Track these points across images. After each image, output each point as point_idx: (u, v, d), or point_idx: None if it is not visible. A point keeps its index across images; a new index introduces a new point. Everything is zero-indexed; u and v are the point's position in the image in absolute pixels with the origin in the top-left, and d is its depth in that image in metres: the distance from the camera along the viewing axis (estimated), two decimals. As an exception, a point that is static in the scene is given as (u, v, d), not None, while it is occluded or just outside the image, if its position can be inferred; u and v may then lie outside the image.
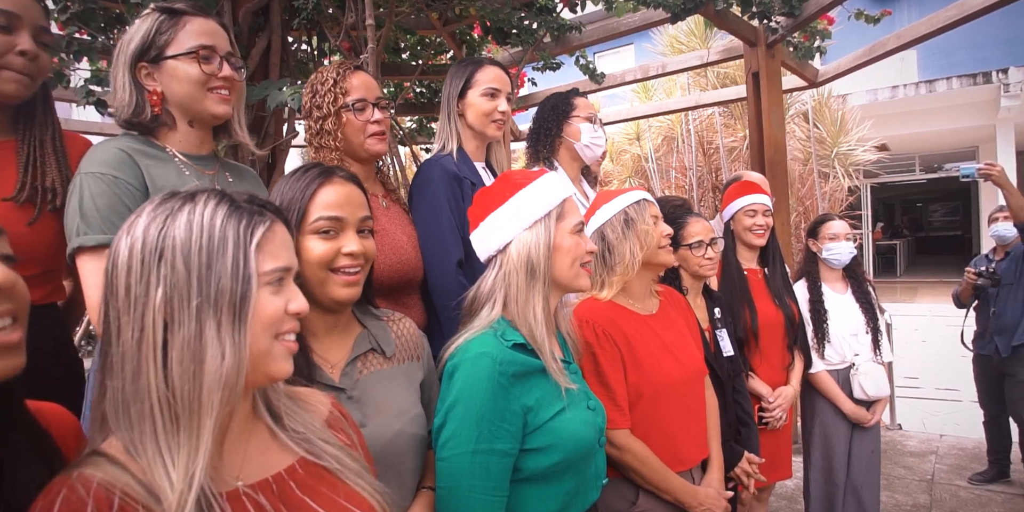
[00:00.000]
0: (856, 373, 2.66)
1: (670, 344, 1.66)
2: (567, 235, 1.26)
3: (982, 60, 10.39)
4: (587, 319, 1.57)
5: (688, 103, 6.22)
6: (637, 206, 1.67)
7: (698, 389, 1.71)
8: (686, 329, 1.77)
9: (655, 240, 1.66)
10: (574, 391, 1.25)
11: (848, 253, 2.72)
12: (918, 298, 11.80)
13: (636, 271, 1.62)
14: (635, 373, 1.56)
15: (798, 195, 6.90)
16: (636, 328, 1.62)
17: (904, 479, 4.04)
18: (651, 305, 1.74)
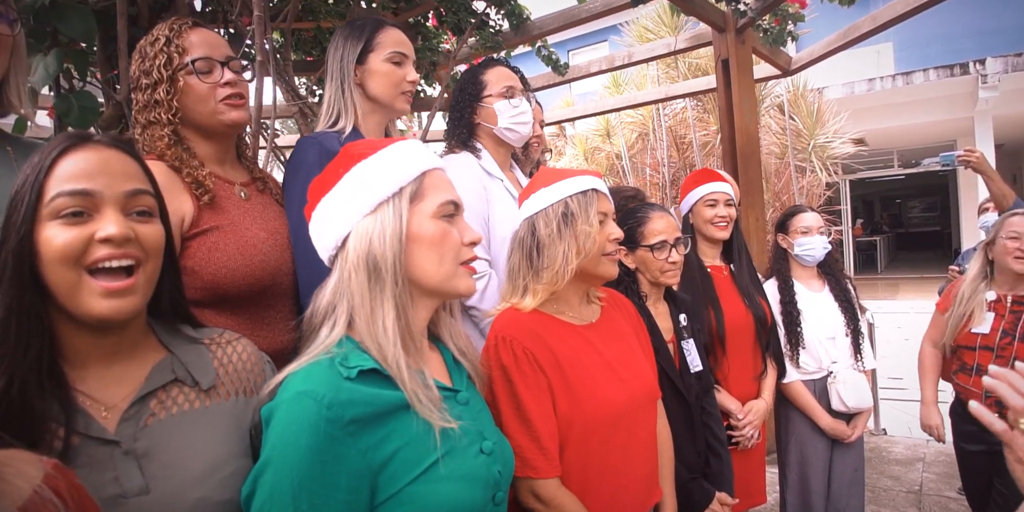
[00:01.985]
0: (834, 382, 2.37)
1: (613, 361, 1.34)
2: (429, 221, 0.95)
3: (958, 51, 10.25)
4: (503, 335, 1.25)
5: (658, 95, 5.95)
6: (583, 198, 1.32)
7: (648, 416, 1.40)
8: (635, 341, 1.46)
9: (598, 245, 1.32)
10: (457, 431, 0.94)
11: (822, 248, 2.43)
12: (900, 295, 11.65)
13: (567, 280, 1.30)
14: (567, 402, 1.25)
15: (774, 190, 6.65)
16: (568, 343, 1.31)
17: (891, 491, 3.77)
18: (589, 313, 1.43)
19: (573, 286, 1.36)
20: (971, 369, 2.29)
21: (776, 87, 7.07)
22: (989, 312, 2.30)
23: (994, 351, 2.21)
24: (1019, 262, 2.24)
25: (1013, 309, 2.25)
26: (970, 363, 2.30)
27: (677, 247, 1.82)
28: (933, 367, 2.56)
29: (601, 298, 1.48)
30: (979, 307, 2.31)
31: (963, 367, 2.35)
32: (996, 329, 2.25)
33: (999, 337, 2.23)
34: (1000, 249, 2.30)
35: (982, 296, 2.33)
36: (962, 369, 2.35)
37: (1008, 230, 2.28)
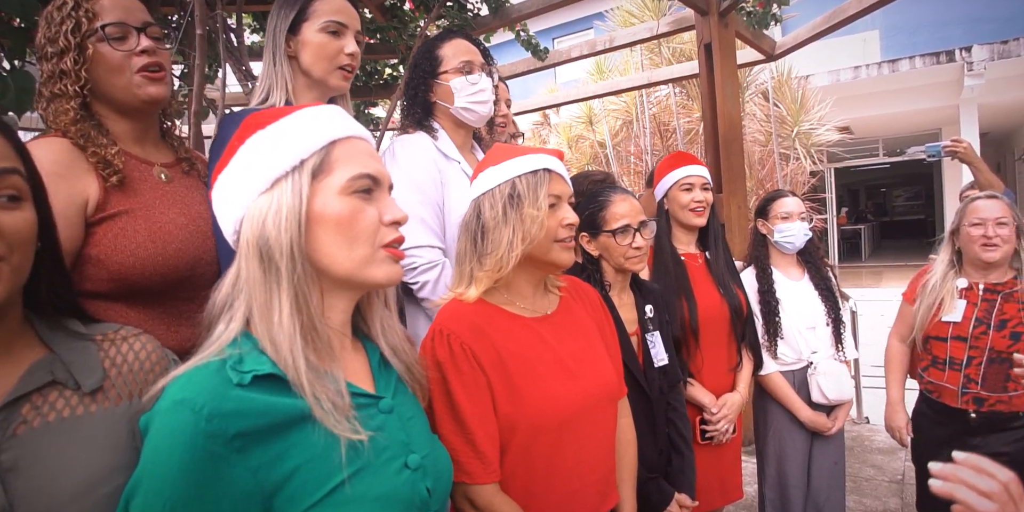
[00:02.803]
0: (815, 373, 2.29)
1: (568, 357, 1.24)
2: (336, 198, 0.82)
3: (946, 39, 10.17)
4: (440, 328, 1.15)
5: (641, 81, 5.83)
6: (532, 178, 1.20)
7: (606, 416, 1.29)
8: (596, 335, 1.35)
9: (548, 231, 1.21)
10: (375, 444, 0.81)
11: (803, 235, 2.34)
12: (884, 282, 11.67)
13: (511, 267, 1.19)
14: (509, 402, 1.14)
15: (758, 177, 6.58)
16: (516, 338, 1.20)
17: (873, 480, 3.73)
18: (544, 304, 1.32)
19: (525, 274, 1.26)
20: (943, 363, 2.15)
21: (761, 74, 6.98)
22: (960, 300, 2.15)
23: (967, 341, 2.09)
24: (987, 250, 2.07)
25: (986, 297, 2.12)
26: (942, 356, 2.16)
27: (641, 231, 1.72)
28: (901, 364, 2.39)
29: (561, 288, 1.37)
30: (949, 295, 2.17)
31: (935, 362, 2.20)
32: (968, 318, 2.11)
33: (972, 326, 2.10)
34: (965, 237, 2.15)
35: (952, 284, 2.19)
36: (933, 364, 2.20)
37: (971, 217, 2.13)
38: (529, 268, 1.25)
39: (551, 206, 1.21)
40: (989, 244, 2.06)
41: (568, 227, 1.23)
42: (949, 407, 2.12)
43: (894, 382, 2.39)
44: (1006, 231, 2.05)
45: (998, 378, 2.03)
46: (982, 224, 2.09)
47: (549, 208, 1.20)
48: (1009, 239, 2.05)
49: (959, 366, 2.08)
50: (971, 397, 2.06)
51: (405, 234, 1.49)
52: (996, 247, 2.05)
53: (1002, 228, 2.06)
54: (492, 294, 1.24)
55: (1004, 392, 2.02)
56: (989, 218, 2.08)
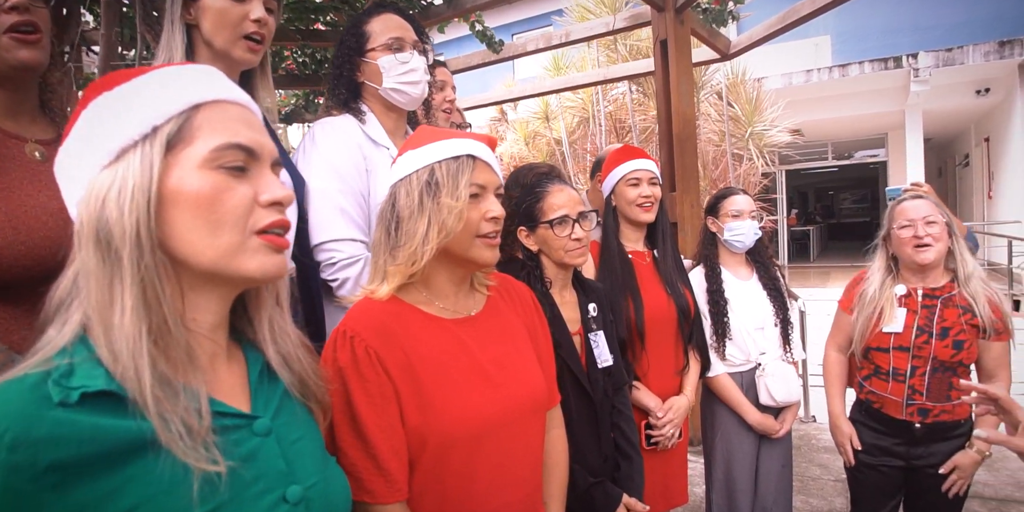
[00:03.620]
0: (763, 375, 2.23)
1: (490, 363, 1.13)
2: (196, 173, 0.68)
3: (894, 46, 10.43)
4: (345, 330, 1.03)
5: (597, 77, 5.77)
6: (453, 165, 1.09)
7: (531, 428, 1.18)
8: (525, 339, 1.24)
9: (469, 225, 1.09)
10: (240, 476, 0.67)
11: (753, 234, 2.28)
12: (831, 282, 11.92)
13: (425, 262, 1.07)
14: (418, 413, 1.02)
15: (711, 177, 6.60)
16: (429, 341, 1.09)
17: (819, 480, 3.73)
18: (468, 304, 1.20)
19: (446, 271, 1.14)
20: (887, 374, 2.07)
21: (716, 74, 7.01)
22: (900, 308, 2.07)
23: (910, 351, 2.02)
24: (920, 251, 2.00)
25: (925, 303, 2.04)
26: (885, 367, 2.08)
27: (581, 222, 1.63)
28: (840, 376, 2.28)
29: (490, 287, 1.26)
30: (888, 304, 2.09)
31: (877, 371, 2.11)
32: (910, 326, 2.03)
33: (914, 335, 2.02)
34: (896, 241, 2.08)
35: (890, 291, 2.11)
36: (876, 374, 2.11)
37: (900, 219, 2.07)
38: (449, 264, 1.13)
39: (473, 197, 1.10)
40: (921, 244, 2.00)
41: (492, 221, 1.11)
42: (894, 419, 2.06)
43: (835, 395, 2.29)
44: (936, 230, 2.00)
45: (942, 387, 1.99)
46: (911, 225, 2.02)
47: (471, 199, 1.09)
48: (940, 237, 2.00)
49: (903, 377, 2.03)
50: (916, 408, 2.01)
51: (325, 226, 1.36)
52: (928, 247, 1.99)
53: (932, 227, 2.00)
54: (408, 292, 1.12)
55: (948, 401, 1.99)
56: (917, 218, 2.02)
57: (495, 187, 1.14)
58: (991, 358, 2.00)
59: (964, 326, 1.97)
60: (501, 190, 1.16)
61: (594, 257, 2.08)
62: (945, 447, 2.01)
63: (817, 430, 4.56)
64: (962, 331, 1.97)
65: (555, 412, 1.32)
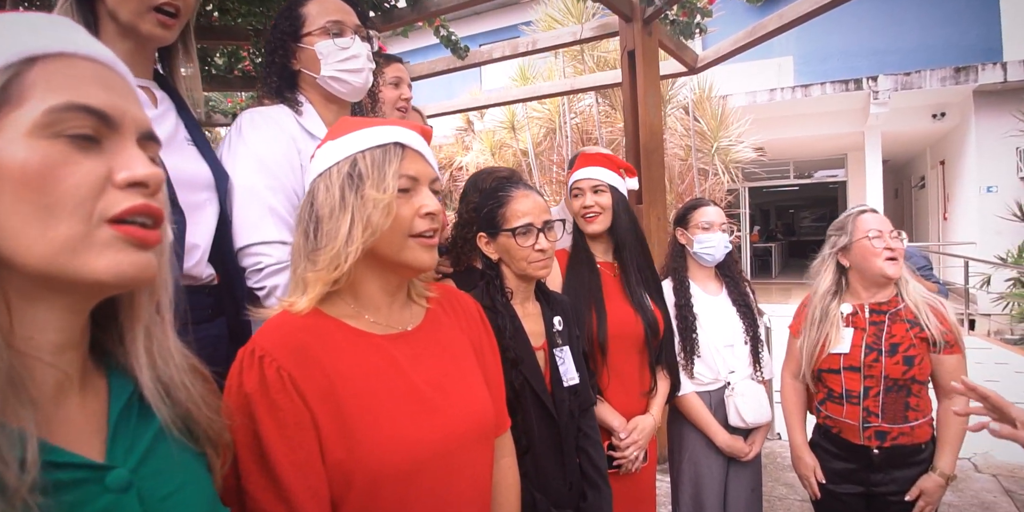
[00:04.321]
0: (732, 395, 2.12)
1: (427, 384, 0.98)
2: (23, 142, 0.51)
3: (854, 68, 10.65)
4: (255, 349, 0.87)
5: (564, 87, 5.69)
6: (380, 154, 0.95)
7: (476, 458, 1.03)
8: (470, 357, 1.10)
9: (399, 222, 0.95)
10: None
11: (723, 247, 2.18)
12: (792, 299, 12.06)
13: (349, 267, 0.92)
14: (342, 445, 0.86)
15: (677, 191, 6.58)
16: (357, 362, 0.93)
17: (785, 500, 3.64)
18: (403, 317, 1.05)
19: (377, 278, 0.99)
20: (840, 397, 1.97)
21: (682, 89, 7.03)
22: (847, 327, 1.98)
23: (861, 371, 1.92)
24: (892, 264, 1.90)
25: (873, 320, 1.96)
26: (838, 391, 1.97)
27: (546, 232, 1.50)
28: (798, 404, 2.16)
29: (430, 298, 1.11)
30: (834, 326, 1.99)
31: (831, 395, 2.01)
32: (858, 345, 1.94)
33: (864, 354, 1.93)
34: (862, 252, 1.96)
35: (835, 313, 2.01)
36: (830, 398, 2.01)
37: (865, 229, 1.96)
38: (381, 271, 0.98)
39: (404, 191, 0.96)
40: (892, 257, 1.91)
41: (428, 217, 0.97)
42: (852, 444, 1.96)
43: (795, 425, 2.16)
44: (899, 244, 1.93)
45: (898, 407, 1.90)
46: (880, 236, 1.93)
47: (401, 193, 0.95)
48: (902, 253, 1.93)
49: (856, 399, 1.93)
50: (873, 431, 1.91)
51: (251, 227, 1.19)
52: (896, 261, 1.91)
53: (896, 241, 1.93)
54: (333, 304, 0.96)
55: (905, 422, 1.89)
56: (885, 230, 1.94)
57: (429, 180, 0.99)
58: (945, 373, 1.91)
59: (913, 340, 1.89)
60: (438, 184, 1.02)
61: (561, 267, 1.95)
62: (906, 474, 1.92)
63: (783, 448, 4.49)
64: (912, 346, 1.88)
65: (504, 439, 1.18)
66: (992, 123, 9.29)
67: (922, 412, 1.92)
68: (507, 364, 1.41)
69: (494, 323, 1.45)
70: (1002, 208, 8.97)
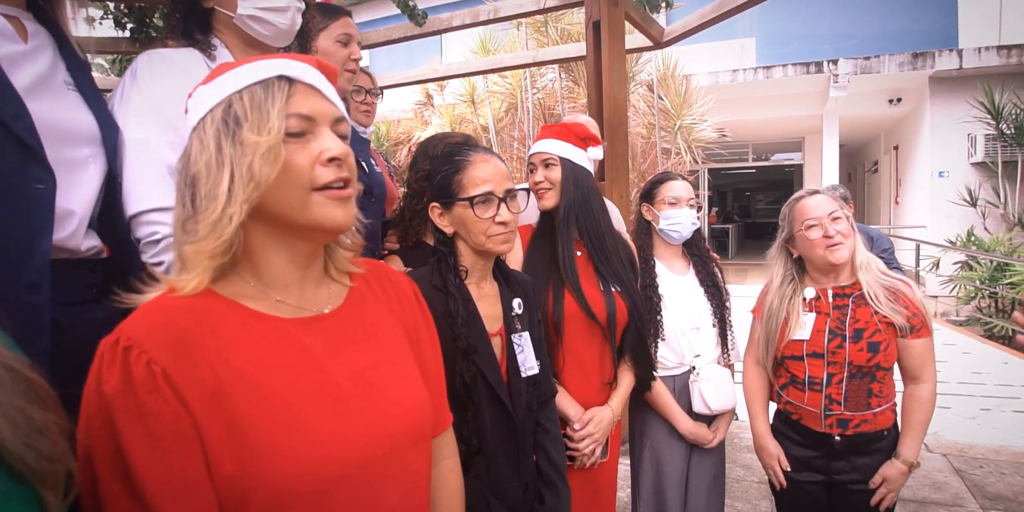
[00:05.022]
0: (697, 380, 2.01)
1: (346, 380, 0.81)
2: None
3: (815, 52, 10.69)
4: (119, 339, 0.68)
5: (526, 59, 5.49)
6: (262, 90, 0.77)
7: (411, 465, 0.86)
8: (403, 343, 0.93)
9: (296, 172, 0.77)
10: None
11: (691, 224, 2.05)
12: (748, 279, 12.22)
13: (233, 232, 0.74)
14: (234, 458, 0.69)
15: (640, 170, 6.48)
16: (256, 353, 0.76)
17: (743, 481, 3.61)
18: (319, 297, 0.87)
19: (281, 248, 0.81)
20: (803, 383, 1.88)
21: (647, 65, 6.89)
22: (810, 312, 1.89)
23: (824, 358, 1.83)
24: (834, 251, 1.81)
25: (836, 304, 1.87)
26: (801, 376, 1.88)
27: (508, 202, 1.33)
28: (761, 391, 2.06)
29: (354, 275, 0.93)
30: (795, 312, 1.90)
31: (793, 381, 1.92)
32: (821, 330, 1.85)
33: (827, 339, 1.84)
34: (804, 244, 1.88)
35: (796, 298, 1.92)
36: (792, 383, 1.92)
37: (803, 219, 1.87)
38: (283, 237, 0.80)
39: (297, 135, 0.77)
40: (832, 244, 1.81)
41: (334, 165, 0.78)
42: (813, 431, 1.88)
43: (757, 412, 2.06)
44: (844, 226, 1.83)
45: (861, 394, 1.82)
46: (818, 224, 1.84)
47: (293, 137, 0.77)
48: (849, 233, 1.83)
49: (819, 386, 1.84)
50: (835, 419, 1.83)
51: (146, 191, 1.00)
52: (840, 245, 1.81)
53: (838, 223, 1.83)
54: (229, 283, 0.79)
55: (868, 409, 1.82)
56: (823, 216, 1.84)
57: (330, 120, 0.81)
58: (913, 357, 1.83)
59: (879, 325, 1.80)
60: (345, 127, 0.83)
61: (524, 243, 1.79)
62: (867, 461, 1.85)
63: (739, 429, 4.47)
64: (877, 331, 1.80)
65: (445, 438, 1.02)
66: (946, 109, 9.44)
67: (885, 398, 1.85)
68: (458, 354, 1.26)
69: (445, 306, 1.30)
70: (953, 193, 9.17)
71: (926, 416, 1.85)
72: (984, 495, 3.35)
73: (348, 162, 0.80)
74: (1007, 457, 3.85)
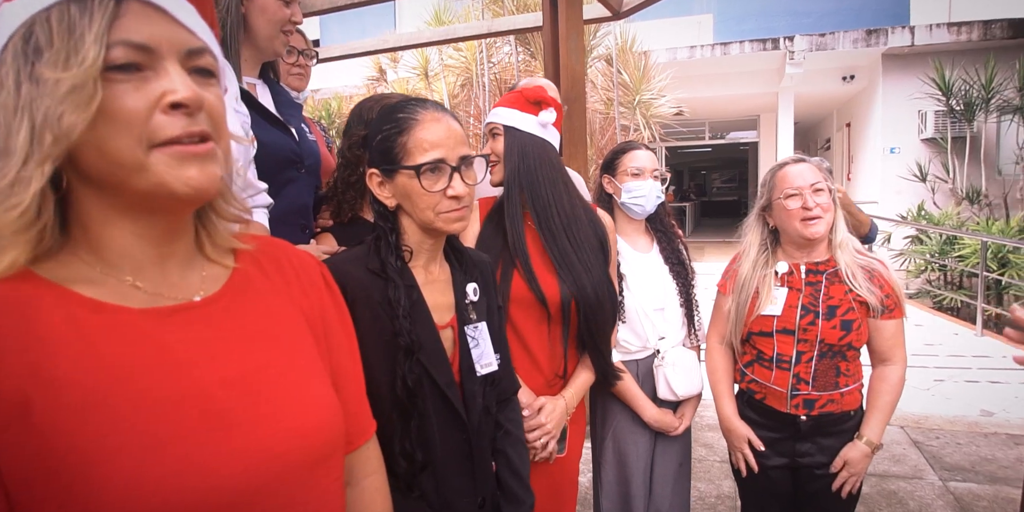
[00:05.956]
0: (662, 365, 1.89)
1: (220, 388, 0.63)
2: None
3: (771, 29, 10.71)
4: None
5: (481, 29, 5.27)
6: (77, 9, 0.55)
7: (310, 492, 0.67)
8: (304, 338, 0.74)
9: (124, 119, 0.57)
10: None
11: (655, 197, 1.91)
12: (705, 257, 12.32)
13: (33, 200, 0.55)
14: (55, 501, 0.51)
15: (598, 146, 6.35)
16: (87, 357, 0.57)
17: (705, 461, 3.55)
18: (187, 281, 0.68)
19: (126, 221, 0.62)
20: (770, 360, 1.78)
21: (606, 38, 6.73)
22: (782, 287, 1.78)
23: (795, 334, 1.73)
24: (809, 225, 1.71)
25: (810, 280, 1.76)
26: (768, 353, 1.78)
27: (463, 172, 1.13)
28: (726, 371, 1.93)
29: (239, 252, 0.74)
30: (766, 285, 1.81)
31: (760, 358, 1.81)
32: (793, 306, 1.75)
33: (799, 316, 1.73)
34: (781, 213, 1.77)
35: (768, 271, 1.81)
36: (759, 360, 1.81)
37: (784, 188, 1.75)
38: (126, 207, 0.61)
39: (127, 68, 0.57)
40: (810, 217, 1.70)
41: (179, 113, 0.58)
42: (778, 412, 1.78)
43: (723, 393, 1.94)
44: (825, 199, 1.71)
45: (829, 373, 1.73)
46: (798, 194, 1.71)
47: (121, 72, 0.57)
48: (829, 207, 1.72)
49: (788, 364, 1.75)
50: (801, 399, 1.74)
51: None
52: (818, 219, 1.70)
53: (820, 196, 1.71)
54: (60, 263, 0.60)
55: (836, 389, 1.73)
56: (804, 186, 1.72)
57: (181, 51, 0.60)
58: (884, 338, 1.75)
59: (852, 303, 1.71)
60: (208, 62, 0.63)
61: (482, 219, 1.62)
62: (832, 443, 1.76)
63: (701, 407, 4.42)
64: (850, 309, 1.71)
65: (366, 452, 0.84)
66: (898, 86, 9.56)
67: (853, 378, 1.76)
68: (400, 352, 1.07)
69: (383, 295, 1.10)
70: (903, 169, 9.32)
71: (894, 398, 1.78)
72: (943, 466, 3.37)
73: (210, 110, 0.60)
74: (961, 427, 3.90)
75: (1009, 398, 4.34)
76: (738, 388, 1.94)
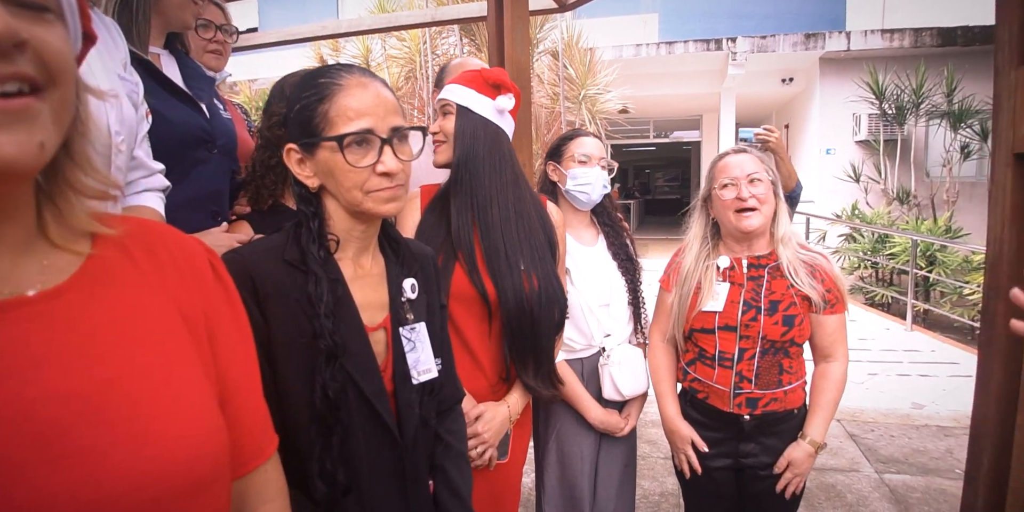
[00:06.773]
0: (607, 363, 1.81)
1: (57, 406, 0.49)
2: None
3: (714, 30, 10.90)
4: None
5: (425, 18, 5.10)
6: None
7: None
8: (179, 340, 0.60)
9: None
10: None
11: (601, 186, 1.82)
12: (650, 254, 12.46)
13: None
14: None
15: (543, 141, 6.29)
16: None
17: (648, 458, 3.52)
18: (22, 272, 0.53)
19: None
20: (712, 358, 1.72)
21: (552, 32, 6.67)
22: (724, 282, 1.73)
23: (737, 331, 1.68)
24: (743, 217, 1.66)
25: (751, 274, 1.71)
26: (710, 351, 1.72)
27: (396, 145, 0.98)
28: (669, 368, 1.87)
29: (99, 239, 0.59)
30: (708, 280, 1.74)
31: (702, 356, 1.75)
32: (735, 302, 1.69)
33: (741, 311, 1.68)
34: (717, 204, 1.72)
35: (710, 264, 1.76)
36: (701, 358, 1.76)
37: (721, 178, 1.71)
38: None
39: None
40: (744, 208, 1.65)
41: None
42: (720, 412, 1.73)
43: (665, 393, 1.87)
44: (762, 190, 1.65)
45: (772, 371, 1.68)
46: (734, 185, 1.67)
47: None
48: (767, 199, 1.66)
49: (730, 362, 1.69)
50: (744, 398, 1.69)
51: None
52: (753, 211, 1.65)
53: (756, 186, 1.66)
54: None
55: (779, 387, 1.68)
56: (740, 176, 1.67)
57: None
58: (826, 334, 1.72)
59: (794, 298, 1.67)
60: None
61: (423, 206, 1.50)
62: (775, 443, 1.72)
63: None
64: (792, 305, 1.66)
65: (265, 475, 0.71)
66: (834, 89, 9.86)
67: (796, 375, 1.72)
68: (320, 357, 0.93)
69: (301, 290, 0.95)
70: (839, 169, 9.63)
71: (836, 396, 1.74)
72: (878, 458, 3.43)
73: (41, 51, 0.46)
74: (895, 420, 4.00)
75: (938, 391, 4.49)
76: (681, 387, 1.88)
